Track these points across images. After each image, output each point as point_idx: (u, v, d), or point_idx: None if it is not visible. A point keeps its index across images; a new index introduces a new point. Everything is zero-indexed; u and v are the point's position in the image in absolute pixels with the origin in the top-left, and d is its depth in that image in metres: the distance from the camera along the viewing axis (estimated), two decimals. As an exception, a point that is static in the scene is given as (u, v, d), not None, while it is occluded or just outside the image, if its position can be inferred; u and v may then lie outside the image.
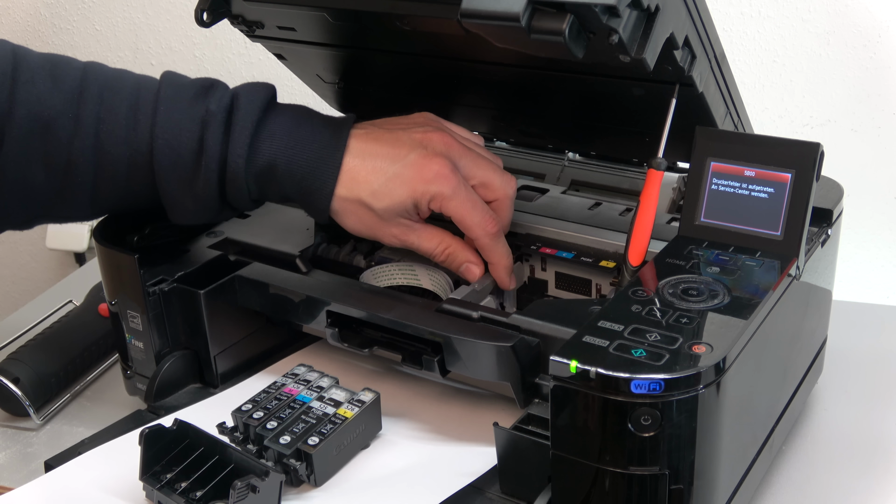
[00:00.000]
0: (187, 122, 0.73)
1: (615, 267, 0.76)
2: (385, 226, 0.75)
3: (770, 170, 0.67)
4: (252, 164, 0.73)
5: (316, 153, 0.74)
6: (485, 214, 0.75)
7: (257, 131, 0.73)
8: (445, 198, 0.73)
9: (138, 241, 0.81)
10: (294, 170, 0.73)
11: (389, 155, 0.74)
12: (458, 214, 0.74)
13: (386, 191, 0.73)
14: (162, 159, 0.73)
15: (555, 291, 0.81)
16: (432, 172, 0.73)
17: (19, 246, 1.57)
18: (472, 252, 0.77)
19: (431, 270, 0.81)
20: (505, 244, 0.77)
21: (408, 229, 0.75)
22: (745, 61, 1.07)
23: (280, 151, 0.73)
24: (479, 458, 0.69)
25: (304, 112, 0.77)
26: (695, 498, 0.57)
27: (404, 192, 0.73)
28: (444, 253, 0.76)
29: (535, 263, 0.81)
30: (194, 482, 0.65)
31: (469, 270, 0.76)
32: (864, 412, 0.82)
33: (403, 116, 0.80)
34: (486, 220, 0.75)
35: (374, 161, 0.74)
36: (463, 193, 0.74)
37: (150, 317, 0.78)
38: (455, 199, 0.74)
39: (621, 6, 0.57)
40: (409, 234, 0.75)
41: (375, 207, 0.73)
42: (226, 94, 0.74)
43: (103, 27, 1.38)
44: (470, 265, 0.76)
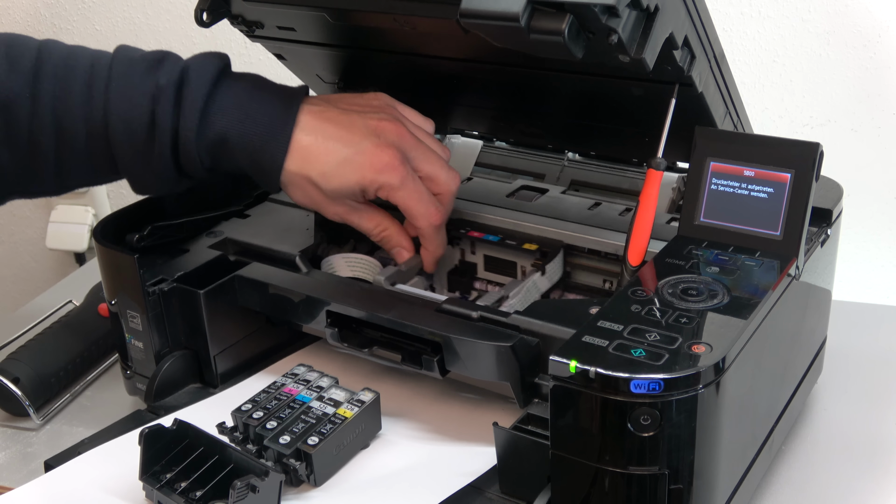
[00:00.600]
0: (139, 98, 0.73)
1: (537, 249, 0.79)
2: (330, 204, 0.77)
3: (770, 170, 0.67)
4: (203, 138, 0.74)
5: (266, 127, 0.74)
6: (430, 206, 0.78)
7: (207, 105, 0.74)
8: (393, 188, 0.76)
9: (138, 241, 0.81)
10: (245, 143, 0.74)
11: (342, 138, 0.75)
12: (404, 205, 0.77)
13: (336, 174, 0.75)
14: (117, 135, 0.74)
15: (484, 274, 0.83)
16: (383, 163, 0.75)
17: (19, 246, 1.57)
18: (406, 237, 0.80)
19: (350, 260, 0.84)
20: (444, 235, 0.81)
21: (351, 209, 0.78)
22: (745, 61, 1.07)
23: (231, 125, 0.74)
24: (478, 458, 0.69)
25: (257, 83, 0.77)
26: (694, 498, 0.57)
27: (353, 178, 0.75)
28: (381, 234, 0.80)
29: (465, 247, 0.83)
30: (194, 482, 0.65)
31: (399, 254, 0.80)
32: (864, 412, 0.82)
33: (358, 95, 0.81)
34: (431, 211, 0.78)
35: (326, 142, 0.75)
36: (410, 185, 0.76)
37: (150, 317, 0.78)
38: (403, 190, 0.76)
39: (621, 6, 0.57)
40: (351, 213, 0.78)
41: (324, 188, 0.75)
42: (176, 67, 0.74)
43: (103, 27, 1.38)
44: (401, 250, 0.80)
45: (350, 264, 0.83)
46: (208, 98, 0.74)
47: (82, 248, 1.44)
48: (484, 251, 0.82)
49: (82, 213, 1.43)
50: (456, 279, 0.83)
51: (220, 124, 0.74)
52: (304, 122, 0.75)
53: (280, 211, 0.90)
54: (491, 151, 0.94)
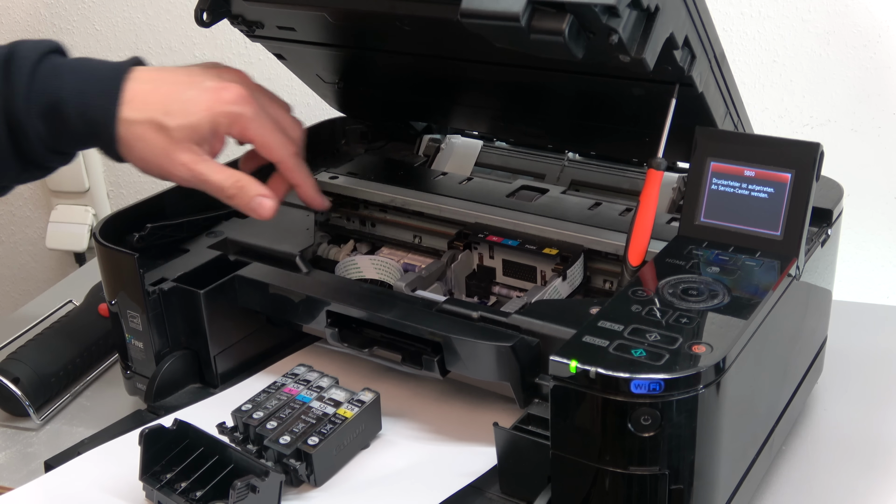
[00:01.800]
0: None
1: (557, 254, 0.77)
2: (176, 150, 0.72)
3: (770, 170, 0.67)
4: (35, 104, 0.71)
5: (99, 83, 0.72)
6: (285, 135, 0.76)
7: (36, 71, 0.71)
8: (247, 118, 0.73)
9: (138, 241, 0.81)
10: (77, 102, 0.71)
11: (183, 81, 0.73)
12: (260, 135, 0.74)
13: (181, 109, 0.72)
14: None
15: (502, 278, 0.82)
16: (231, 95, 0.73)
17: (19, 246, 1.57)
18: (264, 186, 0.75)
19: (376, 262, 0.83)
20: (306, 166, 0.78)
21: (199, 158, 0.73)
22: (745, 61, 1.07)
23: (61, 86, 0.71)
24: (479, 458, 0.69)
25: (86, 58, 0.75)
26: (695, 498, 0.57)
27: (202, 112, 0.72)
28: (236, 185, 0.74)
29: (484, 251, 0.82)
30: (194, 482, 0.65)
31: (262, 204, 0.74)
32: (864, 412, 0.82)
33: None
34: (288, 140, 0.76)
35: (166, 85, 0.73)
36: (264, 115, 0.74)
37: (150, 317, 0.78)
38: (257, 120, 0.73)
39: (621, 6, 0.57)
40: (200, 164, 0.73)
41: (169, 125, 0.71)
42: (4, 48, 0.72)
43: (103, 27, 1.38)
44: (262, 198, 0.74)
45: (375, 266, 0.83)
46: (37, 64, 0.71)
47: (82, 248, 1.43)
48: (503, 256, 0.81)
49: (82, 213, 1.43)
50: (474, 284, 0.82)
51: (52, 87, 0.71)
52: (138, 73, 0.73)
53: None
54: (491, 151, 0.94)
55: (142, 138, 0.72)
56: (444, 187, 0.88)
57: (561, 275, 0.75)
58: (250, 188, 0.74)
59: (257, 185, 0.74)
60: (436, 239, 0.86)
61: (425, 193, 0.86)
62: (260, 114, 0.74)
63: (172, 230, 0.83)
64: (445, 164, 0.94)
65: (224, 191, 0.73)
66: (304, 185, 0.79)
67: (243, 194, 0.74)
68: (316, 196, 0.80)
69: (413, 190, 0.87)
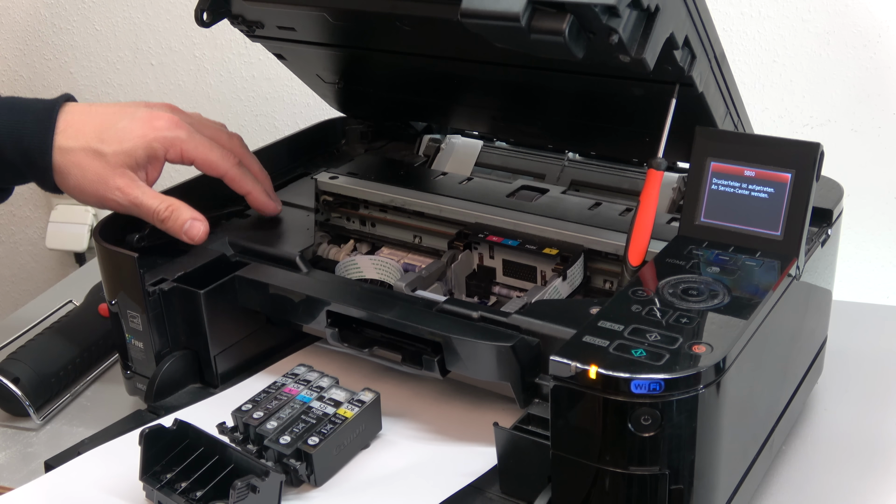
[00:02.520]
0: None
1: (557, 254, 0.77)
2: (112, 176, 0.74)
3: (770, 170, 0.67)
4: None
5: (33, 115, 0.74)
6: (223, 150, 0.79)
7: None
8: (182, 140, 0.76)
9: (138, 241, 0.81)
10: (13, 133, 0.73)
11: (115, 112, 0.76)
12: (199, 154, 0.77)
13: (116, 136, 0.74)
14: None
15: (502, 278, 0.82)
16: (163, 121, 0.76)
17: (19, 246, 1.57)
18: (195, 211, 0.78)
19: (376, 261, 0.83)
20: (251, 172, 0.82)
21: (134, 184, 0.75)
22: (745, 61, 1.07)
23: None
24: (479, 458, 0.69)
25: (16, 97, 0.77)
26: (695, 498, 0.57)
27: (136, 139, 0.74)
28: (168, 209, 0.77)
29: (484, 251, 0.82)
30: (194, 482, 0.65)
31: (193, 227, 0.77)
32: (864, 412, 0.82)
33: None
34: (227, 153, 0.79)
35: (98, 116, 0.75)
36: (198, 136, 0.77)
37: (150, 317, 0.78)
38: (192, 141, 0.76)
39: (621, 6, 0.57)
40: (134, 188, 0.75)
41: (105, 151, 0.74)
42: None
43: (103, 27, 1.38)
44: (194, 222, 0.77)
45: (376, 266, 0.83)
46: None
47: (82, 248, 1.43)
48: (503, 255, 0.81)
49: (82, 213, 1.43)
50: (474, 284, 0.82)
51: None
52: (71, 107, 0.76)
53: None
54: (491, 151, 0.94)
55: (78, 165, 0.74)
56: (444, 187, 0.88)
57: (561, 275, 0.75)
58: (182, 212, 0.77)
59: (189, 209, 0.77)
60: (436, 239, 0.86)
61: (425, 193, 0.86)
62: (194, 135, 0.77)
63: (172, 230, 0.83)
64: (445, 164, 0.94)
65: (157, 214, 0.76)
66: (252, 192, 0.82)
67: (175, 217, 0.77)
68: (266, 202, 0.83)
69: (413, 190, 0.87)
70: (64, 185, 0.76)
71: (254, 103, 1.33)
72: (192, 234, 0.77)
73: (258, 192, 0.83)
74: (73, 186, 0.75)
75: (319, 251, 0.88)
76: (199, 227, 0.77)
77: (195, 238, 0.77)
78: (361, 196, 0.89)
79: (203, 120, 0.82)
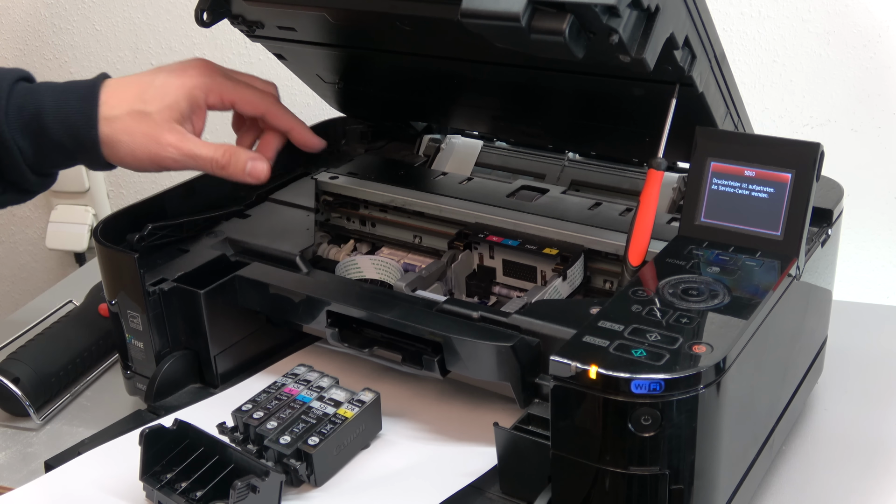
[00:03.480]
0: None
1: (557, 254, 0.77)
2: (162, 133, 0.75)
3: (770, 170, 0.67)
4: (15, 119, 0.74)
5: (76, 93, 0.75)
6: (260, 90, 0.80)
7: (12, 92, 0.74)
8: (220, 83, 0.77)
9: (138, 241, 0.81)
10: (58, 111, 0.74)
11: (150, 74, 0.77)
12: (238, 95, 0.78)
13: (156, 94, 0.75)
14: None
15: (502, 278, 0.82)
16: (196, 69, 0.77)
17: (19, 246, 1.57)
18: (253, 152, 0.78)
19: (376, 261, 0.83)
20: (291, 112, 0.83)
21: (185, 137, 0.76)
22: (745, 61, 1.07)
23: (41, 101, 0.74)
24: (479, 458, 0.69)
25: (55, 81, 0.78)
26: (695, 498, 0.57)
27: (176, 90, 0.75)
28: (226, 155, 0.76)
29: (484, 251, 0.82)
30: (194, 482, 0.65)
31: (256, 167, 0.77)
32: (864, 412, 0.82)
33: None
34: (265, 93, 0.80)
35: (136, 81, 0.76)
36: (234, 79, 0.78)
37: (150, 317, 0.78)
38: (230, 83, 0.78)
39: (621, 6, 0.57)
40: (187, 141, 0.76)
41: (150, 110, 0.74)
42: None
43: (103, 27, 1.38)
44: (255, 162, 0.77)
45: (376, 266, 0.83)
46: (13, 86, 0.74)
47: (82, 248, 1.43)
48: (503, 255, 0.81)
49: (82, 213, 1.43)
50: (474, 284, 0.82)
51: (29, 102, 0.74)
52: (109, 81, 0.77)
53: (280, 211, 0.90)
54: (491, 151, 0.94)
55: (126, 131, 0.74)
56: (444, 187, 0.88)
57: (561, 275, 0.75)
58: (241, 154, 0.77)
59: (247, 151, 0.78)
60: (436, 239, 0.86)
61: (425, 193, 0.86)
62: (230, 78, 0.79)
63: (172, 230, 0.83)
64: (445, 164, 0.94)
65: (216, 162, 0.76)
66: (296, 128, 0.82)
67: (236, 161, 0.76)
68: (310, 136, 0.83)
69: (413, 190, 0.87)
70: (115, 157, 0.75)
71: (254, 103, 1.33)
72: (255, 173, 0.77)
73: (300, 128, 0.83)
74: (124, 154, 0.75)
75: (319, 251, 0.88)
76: (262, 167, 0.77)
77: (260, 177, 0.77)
78: (361, 196, 0.89)
79: (233, 70, 0.83)
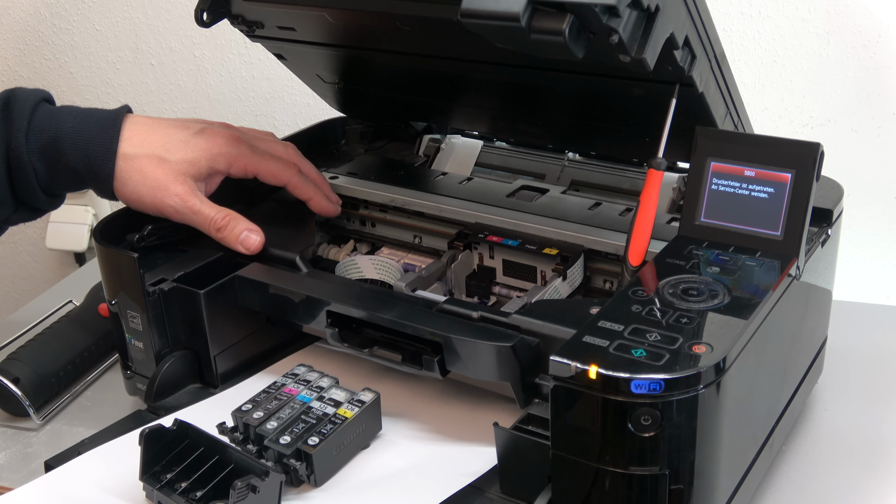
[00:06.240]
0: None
1: (557, 254, 0.77)
2: (172, 183, 0.76)
3: (770, 170, 0.67)
4: (35, 142, 0.75)
5: (97, 122, 0.76)
6: (282, 160, 0.82)
7: (35, 113, 0.76)
8: (246, 156, 0.79)
9: (138, 241, 0.81)
10: (76, 138, 0.75)
11: (178, 126, 0.79)
12: (262, 167, 0.81)
13: (181, 147, 0.77)
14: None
15: (502, 278, 0.82)
16: (223, 138, 0.79)
17: (19, 246, 1.57)
18: (251, 222, 0.80)
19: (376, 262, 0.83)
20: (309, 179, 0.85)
21: (192, 191, 0.78)
22: (745, 61, 1.07)
23: (59, 126, 0.75)
24: (479, 458, 0.69)
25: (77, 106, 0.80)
26: (695, 498, 0.57)
27: (201, 150, 0.78)
28: (225, 219, 0.79)
29: (484, 251, 0.82)
30: (194, 482, 0.65)
31: (248, 238, 0.79)
32: (864, 412, 0.82)
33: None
34: (287, 163, 0.82)
35: (161, 127, 0.78)
36: (259, 150, 0.81)
37: (150, 317, 0.78)
38: (255, 155, 0.80)
39: (621, 6, 0.57)
40: (192, 196, 0.78)
41: (169, 158, 0.76)
42: (3, 91, 0.77)
43: (103, 27, 1.38)
44: (249, 233, 0.79)
45: (376, 266, 0.83)
46: (35, 107, 0.76)
47: (82, 248, 1.43)
48: (503, 256, 0.81)
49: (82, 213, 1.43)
50: (474, 284, 0.82)
51: (50, 125, 0.75)
52: (134, 118, 0.78)
53: (280, 211, 0.90)
54: (491, 151, 0.94)
55: (140, 171, 0.76)
56: (444, 187, 0.88)
57: (561, 275, 0.75)
58: (238, 223, 0.79)
59: (245, 221, 0.79)
60: (436, 239, 0.86)
61: (425, 193, 0.86)
62: (255, 149, 0.81)
63: (172, 230, 0.83)
64: (445, 164, 0.94)
65: (214, 223, 0.78)
66: (314, 197, 0.85)
67: (231, 228, 0.79)
68: (327, 205, 0.86)
69: (413, 190, 0.87)
70: (121, 192, 0.77)
71: (254, 103, 1.33)
72: (247, 244, 0.79)
73: (319, 196, 0.85)
74: (130, 192, 0.77)
75: (319, 251, 0.88)
76: (255, 239, 0.79)
77: (250, 249, 0.79)
78: (361, 196, 0.89)
79: (256, 132, 0.86)
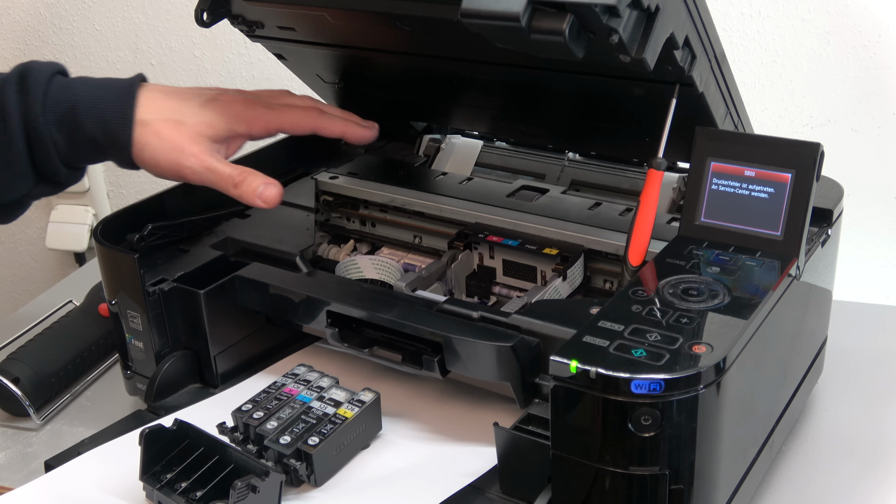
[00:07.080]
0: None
1: (557, 254, 0.77)
2: (188, 143, 0.76)
3: (770, 170, 0.67)
4: (52, 112, 0.75)
5: (113, 91, 0.76)
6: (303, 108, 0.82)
7: (50, 84, 0.75)
8: (263, 114, 0.79)
9: (138, 241, 0.81)
10: (94, 107, 0.75)
11: (192, 92, 0.79)
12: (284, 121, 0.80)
13: (196, 110, 0.77)
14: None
15: (502, 278, 0.82)
16: (239, 101, 0.79)
17: (19, 246, 1.57)
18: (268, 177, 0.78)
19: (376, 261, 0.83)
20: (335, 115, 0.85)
21: (209, 151, 0.77)
22: (745, 61, 1.07)
23: (76, 95, 0.75)
24: (479, 458, 0.69)
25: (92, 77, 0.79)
26: (695, 498, 0.57)
27: (216, 114, 0.77)
28: (242, 174, 0.77)
29: (484, 251, 0.82)
30: (194, 482, 0.65)
31: (267, 190, 0.77)
32: (864, 412, 0.82)
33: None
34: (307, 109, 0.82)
35: (176, 94, 0.78)
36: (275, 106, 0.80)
37: (150, 317, 0.78)
38: (273, 112, 0.80)
39: (621, 6, 0.57)
40: (208, 155, 0.76)
41: (185, 121, 0.76)
42: (16, 67, 0.76)
43: (103, 27, 1.38)
44: (268, 185, 0.77)
45: (376, 266, 0.83)
46: (51, 79, 0.75)
47: (82, 248, 1.43)
48: (503, 255, 0.81)
49: (82, 213, 1.43)
50: (474, 284, 0.82)
51: (66, 96, 0.75)
52: (149, 86, 0.78)
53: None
54: (491, 151, 0.94)
55: (157, 135, 0.75)
56: (444, 187, 0.88)
57: (561, 275, 0.75)
58: (256, 177, 0.77)
59: (262, 175, 0.78)
60: (436, 239, 0.86)
61: (425, 193, 0.86)
62: (272, 105, 0.80)
63: (172, 230, 0.83)
64: (445, 164, 0.94)
65: (231, 179, 0.77)
66: (346, 130, 0.85)
67: (249, 182, 0.77)
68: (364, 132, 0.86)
69: (413, 190, 0.87)
70: (140, 159, 0.76)
71: (254, 103, 1.33)
72: (265, 196, 0.77)
73: (351, 126, 0.85)
74: (148, 157, 0.76)
75: (319, 251, 0.88)
76: (273, 191, 0.77)
77: (269, 201, 0.77)
78: (361, 196, 0.89)
79: (270, 92, 0.85)
